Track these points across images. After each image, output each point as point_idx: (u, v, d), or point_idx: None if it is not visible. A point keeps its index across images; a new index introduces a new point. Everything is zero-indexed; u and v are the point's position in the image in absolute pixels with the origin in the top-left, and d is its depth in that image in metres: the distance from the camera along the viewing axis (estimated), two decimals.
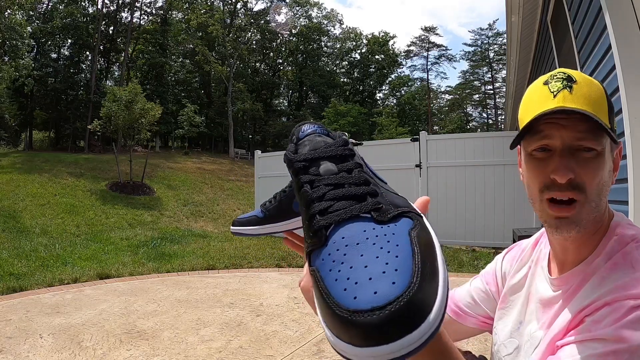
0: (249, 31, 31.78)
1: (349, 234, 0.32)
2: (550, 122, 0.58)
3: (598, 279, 0.57)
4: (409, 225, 0.32)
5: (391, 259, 0.28)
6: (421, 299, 0.25)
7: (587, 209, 0.58)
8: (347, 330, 0.25)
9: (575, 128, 0.56)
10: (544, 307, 0.67)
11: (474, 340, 2.54)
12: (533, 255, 0.77)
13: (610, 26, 1.98)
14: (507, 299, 0.77)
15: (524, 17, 5.10)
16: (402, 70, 45.31)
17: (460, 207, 6.18)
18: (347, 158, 0.38)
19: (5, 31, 14.77)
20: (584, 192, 0.57)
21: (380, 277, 0.26)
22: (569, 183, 0.57)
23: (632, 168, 1.81)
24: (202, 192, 14.73)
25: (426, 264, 0.28)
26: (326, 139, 0.40)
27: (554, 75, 0.61)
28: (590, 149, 0.57)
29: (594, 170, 0.57)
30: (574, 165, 0.57)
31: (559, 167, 0.57)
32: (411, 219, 0.33)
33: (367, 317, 0.25)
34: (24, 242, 6.77)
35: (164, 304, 3.66)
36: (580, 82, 0.59)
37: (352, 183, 0.36)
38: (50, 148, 25.44)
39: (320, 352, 2.59)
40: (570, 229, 0.58)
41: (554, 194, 0.58)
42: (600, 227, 0.62)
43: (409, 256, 0.28)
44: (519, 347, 0.69)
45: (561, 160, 0.57)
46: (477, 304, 0.84)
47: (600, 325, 0.51)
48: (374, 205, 0.33)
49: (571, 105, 0.56)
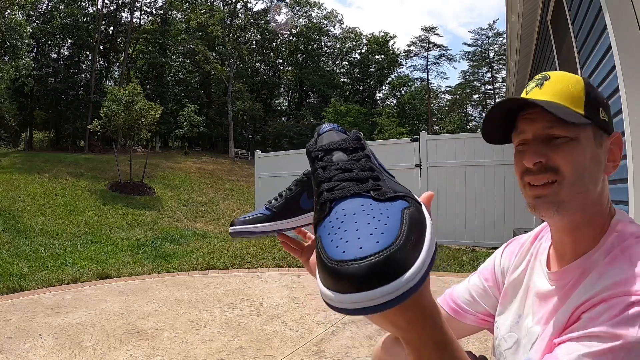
0: (249, 31, 31.79)
1: (349, 206, 0.36)
2: (524, 119, 0.64)
3: (596, 274, 0.57)
4: (404, 205, 0.36)
5: (380, 225, 0.32)
6: (400, 258, 0.29)
7: (566, 190, 0.60)
8: (333, 279, 0.29)
9: (544, 119, 0.61)
10: (541, 300, 0.67)
11: (473, 340, 2.54)
12: (532, 249, 0.77)
13: (610, 26, 1.98)
14: (507, 293, 0.77)
15: (524, 17, 5.10)
16: (402, 70, 45.43)
17: (460, 207, 6.18)
18: (357, 150, 0.43)
19: (5, 31, 14.77)
20: (560, 173, 0.61)
21: (367, 237, 0.30)
22: (541, 167, 0.62)
23: (632, 168, 1.81)
24: (202, 192, 14.73)
25: (411, 234, 0.31)
26: (342, 135, 0.45)
27: (536, 77, 0.66)
28: (560, 136, 0.61)
29: (567, 154, 0.60)
30: (546, 151, 0.61)
31: (527, 154, 0.63)
32: (407, 202, 0.37)
33: (350, 265, 0.28)
34: (24, 242, 6.78)
35: (164, 304, 3.66)
36: (553, 79, 0.64)
37: (358, 169, 0.40)
38: (50, 148, 25.44)
39: (320, 352, 2.59)
40: (548, 208, 0.61)
41: (529, 179, 0.63)
42: (598, 221, 0.63)
43: (397, 225, 0.32)
44: (519, 341, 0.69)
45: (529, 147, 0.63)
46: (475, 301, 0.83)
47: (596, 322, 0.51)
48: (374, 186, 0.38)
49: (538, 98, 0.62)
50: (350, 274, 0.28)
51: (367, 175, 0.39)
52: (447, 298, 0.88)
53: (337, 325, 3.04)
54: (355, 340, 2.76)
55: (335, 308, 0.29)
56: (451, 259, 5.29)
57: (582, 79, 0.64)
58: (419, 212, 0.36)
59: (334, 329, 2.97)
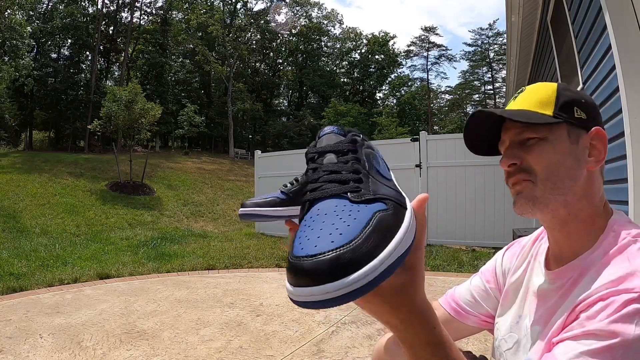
0: (249, 31, 31.78)
1: (323, 207, 0.38)
2: (503, 130, 0.70)
3: (594, 273, 0.58)
4: (379, 208, 0.37)
5: (343, 226, 0.33)
6: (350, 258, 0.30)
7: (540, 187, 0.64)
8: (290, 273, 0.31)
9: (514, 126, 0.67)
10: (540, 300, 0.68)
11: (474, 340, 2.54)
12: (532, 250, 0.78)
13: (610, 26, 1.98)
14: (508, 295, 0.78)
15: (524, 17, 5.10)
16: (402, 70, 45.43)
17: (460, 207, 6.18)
18: (348, 152, 0.44)
19: (5, 31, 14.77)
20: (533, 173, 0.65)
21: (326, 237, 0.32)
22: (516, 168, 0.66)
23: (632, 168, 1.81)
24: (202, 192, 14.73)
25: (371, 238, 0.32)
26: (339, 137, 0.46)
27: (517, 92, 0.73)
28: (531, 138, 0.65)
29: (538, 153, 0.64)
30: (520, 153, 0.66)
31: (503, 158, 0.68)
32: (385, 204, 0.38)
33: (302, 261, 0.30)
34: (24, 242, 6.78)
35: (164, 304, 3.66)
36: (527, 90, 0.70)
37: (345, 171, 0.42)
38: (50, 148, 25.44)
39: (320, 352, 2.59)
40: (525, 203, 0.65)
41: (509, 180, 0.68)
42: (589, 218, 0.64)
43: (360, 227, 0.33)
44: (519, 342, 0.70)
45: (505, 152, 0.69)
46: (477, 302, 0.84)
47: (594, 320, 0.51)
48: (352, 188, 0.39)
49: (511, 108, 0.68)
50: (301, 269, 0.30)
51: (349, 177, 0.40)
52: (448, 299, 0.88)
53: (337, 325, 3.04)
54: (355, 340, 2.76)
55: (293, 300, 0.31)
56: (451, 259, 5.29)
57: (556, 85, 0.68)
58: (394, 216, 0.36)
59: (334, 329, 2.97)
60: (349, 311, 3.30)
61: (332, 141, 0.46)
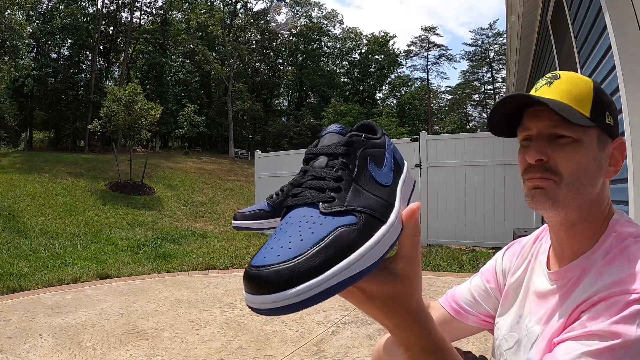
0: (249, 31, 31.78)
1: (294, 215, 0.37)
2: (530, 115, 0.64)
3: (595, 274, 0.58)
4: (344, 223, 0.35)
5: (296, 240, 0.33)
6: (285, 275, 0.30)
7: (564, 190, 0.61)
8: (243, 278, 0.32)
9: (549, 117, 0.61)
10: (540, 300, 0.67)
11: (474, 340, 2.54)
12: (532, 250, 0.77)
13: (610, 26, 1.97)
14: (508, 295, 0.77)
15: (524, 17, 5.10)
16: (402, 70, 45.42)
17: (460, 207, 6.18)
18: (339, 156, 0.42)
19: (5, 31, 14.76)
20: (558, 174, 0.61)
21: (277, 249, 0.32)
22: (541, 165, 0.62)
23: (632, 168, 1.81)
24: (202, 192, 14.73)
25: (318, 256, 0.31)
26: (338, 138, 0.44)
27: (546, 75, 0.66)
28: (564, 136, 0.61)
29: (568, 154, 0.61)
30: (548, 150, 0.62)
31: (530, 150, 0.63)
32: (355, 218, 0.36)
33: (250, 270, 0.31)
34: (24, 242, 6.78)
35: (164, 304, 3.66)
36: (563, 78, 0.64)
37: (327, 177, 0.40)
38: (50, 148, 25.44)
39: (320, 352, 2.59)
40: (544, 201, 0.62)
41: (529, 175, 0.64)
42: (595, 221, 0.63)
43: (311, 243, 0.32)
44: (519, 341, 0.70)
45: (533, 145, 0.63)
46: (477, 302, 0.84)
47: (596, 321, 0.51)
48: (326, 198, 0.38)
49: (548, 96, 0.62)
50: (246, 276, 0.31)
51: (327, 186, 0.39)
52: (448, 298, 0.88)
53: (337, 325, 3.04)
54: (355, 340, 2.76)
55: (247, 303, 0.33)
56: (451, 259, 5.29)
57: (592, 82, 0.64)
58: (362, 232, 0.35)
59: (334, 329, 2.97)
60: (349, 311, 3.30)
61: (331, 141, 0.44)
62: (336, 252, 0.32)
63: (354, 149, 0.43)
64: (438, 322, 0.86)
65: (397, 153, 0.50)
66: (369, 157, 0.44)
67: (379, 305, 0.40)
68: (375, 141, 0.46)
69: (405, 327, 0.41)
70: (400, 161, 0.49)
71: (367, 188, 0.41)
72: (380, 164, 0.45)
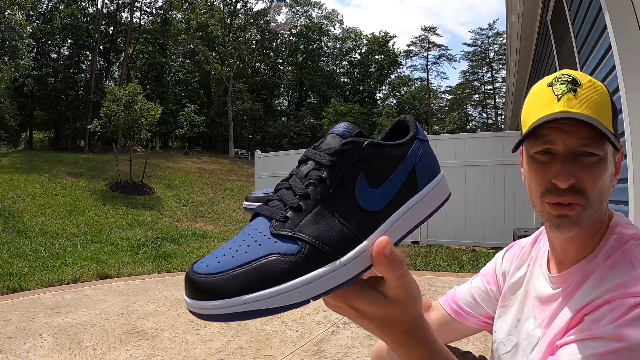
0: (249, 31, 31.77)
1: (252, 224, 0.37)
2: (553, 127, 0.57)
3: (597, 277, 0.57)
4: (282, 250, 0.34)
5: (229, 255, 0.34)
6: (206, 288, 0.32)
7: (589, 212, 0.58)
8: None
9: (578, 134, 0.56)
10: (542, 304, 0.67)
11: (474, 340, 2.54)
12: (532, 253, 0.77)
13: (610, 26, 1.98)
14: (506, 297, 0.77)
15: (524, 17, 5.10)
16: (402, 70, 45.42)
17: (460, 207, 6.18)
18: (321, 167, 0.38)
19: (5, 31, 14.76)
20: (586, 197, 0.57)
21: (213, 259, 0.34)
22: (570, 188, 0.57)
23: (632, 168, 1.81)
24: (202, 192, 14.73)
25: (236, 280, 0.32)
26: (334, 141, 0.39)
27: (559, 77, 0.60)
28: (593, 154, 0.56)
29: (596, 175, 0.56)
30: (576, 171, 0.56)
31: (560, 173, 0.56)
32: (298, 246, 0.34)
33: (188, 270, 0.34)
34: (24, 242, 6.77)
35: (164, 304, 3.66)
36: (584, 85, 0.58)
37: (296, 191, 0.37)
38: (50, 148, 25.44)
39: (320, 352, 2.59)
40: (571, 229, 0.58)
41: (554, 199, 0.58)
42: (600, 227, 0.62)
43: (238, 263, 0.33)
44: (517, 345, 0.69)
45: (563, 165, 0.57)
46: (477, 304, 0.83)
47: (599, 324, 0.51)
48: (280, 217, 0.36)
49: (575, 110, 0.56)
50: (185, 279, 0.34)
51: (289, 202, 0.36)
52: (448, 299, 0.88)
53: (337, 325, 3.04)
54: (355, 340, 2.76)
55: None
56: (451, 259, 5.29)
57: (606, 89, 0.60)
58: (296, 265, 0.33)
59: (334, 329, 2.97)
60: None
61: (328, 145, 0.39)
62: (255, 280, 0.32)
63: (345, 160, 0.37)
64: (438, 322, 0.86)
65: (425, 164, 0.42)
66: (364, 172, 0.38)
67: (375, 325, 0.39)
68: (387, 149, 0.39)
69: (403, 345, 0.41)
70: (424, 175, 0.42)
71: (338, 212, 0.36)
72: (378, 181, 0.38)
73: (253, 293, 0.31)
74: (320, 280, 0.33)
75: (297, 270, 0.33)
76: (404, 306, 0.38)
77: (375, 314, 0.38)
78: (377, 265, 0.36)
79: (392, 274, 0.36)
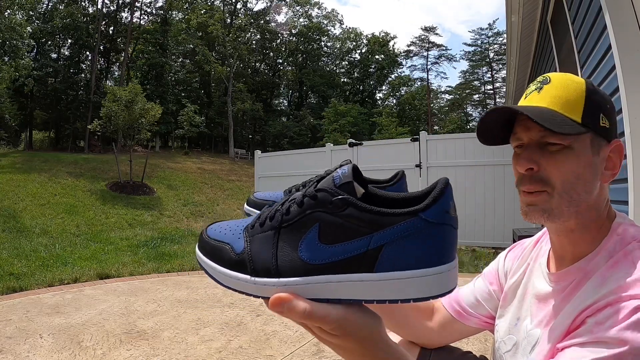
0: (249, 31, 31.77)
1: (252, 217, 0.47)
2: (520, 124, 0.63)
3: (599, 278, 0.57)
4: (233, 244, 0.44)
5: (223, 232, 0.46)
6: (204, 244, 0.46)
7: (557, 200, 0.60)
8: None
9: (537, 126, 0.59)
10: (540, 302, 0.67)
11: (474, 340, 2.54)
12: (533, 253, 0.77)
13: (610, 26, 1.98)
14: (507, 297, 0.77)
15: (524, 17, 5.10)
16: (402, 70, 45.37)
17: (460, 207, 6.13)
18: (292, 202, 0.41)
19: (5, 31, 14.75)
20: (550, 185, 0.60)
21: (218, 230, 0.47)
22: (532, 175, 0.62)
23: (632, 168, 1.81)
24: (202, 192, 14.73)
25: (211, 247, 0.45)
26: (326, 184, 0.39)
27: (537, 79, 0.66)
28: (555, 144, 0.60)
29: (559, 163, 0.60)
30: (538, 158, 0.61)
31: (520, 158, 0.63)
32: (243, 249, 0.43)
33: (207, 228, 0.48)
34: (24, 242, 6.77)
35: (164, 304, 3.66)
36: (553, 82, 0.62)
37: (271, 211, 0.43)
38: (50, 148, 25.42)
39: (320, 352, 2.59)
40: (539, 216, 0.62)
41: (523, 187, 0.63)
42: (600, 225, 0.62)
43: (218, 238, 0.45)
44: (517, 344, 0.69)
45: (523, 154, 0.63)
46: (480, 304, 0.84)
47: (602, 327, 0.50)
48: (253, 223, 0.45)
49: (533, 104, 0.62)
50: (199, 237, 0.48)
51: (262, 217, 0.44)
52: (451, 300, 0.88)
53: None
54: None
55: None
56: None
57: (585, 83, 0.62)
58: (229, 258, 0.43)
59: None
60: None
61: (321, 184, 0.40)
62: (215, 254, 0.44)
63: (311, 205, 0.39)
64: (440, 323, 0.86)
65: (411, 251, 0.34)
66: (320, 224, 0.38)
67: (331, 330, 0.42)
68: (359, 213, 0.36)
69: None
70: (394, 260, 0.34)
71: (280, 245, 0.40)
72: (330, 239, 0.37)
73: (210, 261, 0.44)
74: (237, 280, 0.42)
75: (230, 264, 0.43)
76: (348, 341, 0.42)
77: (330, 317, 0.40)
78: (281, 314, 0.40)
79: (293, 319, 0.40)
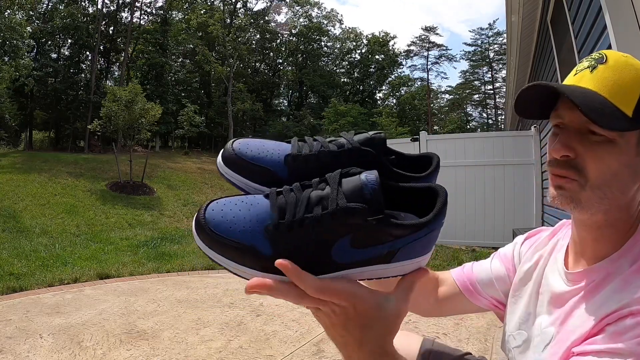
0: (248, 31, 31.76)
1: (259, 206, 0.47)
2: (565, 101, 0.57)
3: (621, 282, 0.54)
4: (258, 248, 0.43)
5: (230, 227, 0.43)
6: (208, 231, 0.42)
7: (588, 193, 0.56)
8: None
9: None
10: (556, 301, 0.64)
11: (474, 340, 2.54)
12: (548, 245, 0.74)
13: (610, 26, 1.98)
14: (517, 287, 0.75)
15: (524, 17, 5.10)
16: (402, 70, 45.36)
17: (460, 207, 6.18)
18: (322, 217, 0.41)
19: (5, 31, 14.75)
20: (584, 175, 0.56)
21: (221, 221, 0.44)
22: (566, 161, 0.57)
23: None
24: (202, 192, 14.73)
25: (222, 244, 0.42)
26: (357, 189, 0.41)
27: (592, 55, 0.59)
28: (598, 134, 0.54)
29: (598, 155, 0.54)
30: (577, 145, 0.56)
31: (557, 142, 0.58)
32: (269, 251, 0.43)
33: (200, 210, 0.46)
34: (24, 242, 6.77)
35: (164, 304, 3.66)
36: (610, 63, 0.55)
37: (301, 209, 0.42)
38: (50, 148, 25.41)
39: (320, 352, 2.59)
40: (567, 203, 0.58)
41: (554, 170, 0.59)
42: (627, 225, 0.59)
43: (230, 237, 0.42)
44: (528, 340, 0.68)
45: (561, 137, 0.57)
46: (492, 286, 0.82)
47: (621, 337, 0.48)
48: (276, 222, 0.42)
49: (584, 85, 0.55)
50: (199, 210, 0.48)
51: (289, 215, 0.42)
52: (464, 276, 0.85)
53: None
54: None
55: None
56: (451, 259, 5.29)
57: None
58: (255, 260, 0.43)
59: None
60: None
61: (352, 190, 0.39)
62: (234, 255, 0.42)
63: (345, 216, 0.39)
64: (445, 295, 0.84)
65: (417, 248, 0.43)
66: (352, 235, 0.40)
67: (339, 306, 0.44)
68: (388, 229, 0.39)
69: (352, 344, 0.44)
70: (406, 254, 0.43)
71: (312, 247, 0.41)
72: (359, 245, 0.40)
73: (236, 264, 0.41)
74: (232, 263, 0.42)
75: (262, 268, 0.41)
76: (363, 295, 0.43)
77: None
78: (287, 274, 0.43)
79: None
